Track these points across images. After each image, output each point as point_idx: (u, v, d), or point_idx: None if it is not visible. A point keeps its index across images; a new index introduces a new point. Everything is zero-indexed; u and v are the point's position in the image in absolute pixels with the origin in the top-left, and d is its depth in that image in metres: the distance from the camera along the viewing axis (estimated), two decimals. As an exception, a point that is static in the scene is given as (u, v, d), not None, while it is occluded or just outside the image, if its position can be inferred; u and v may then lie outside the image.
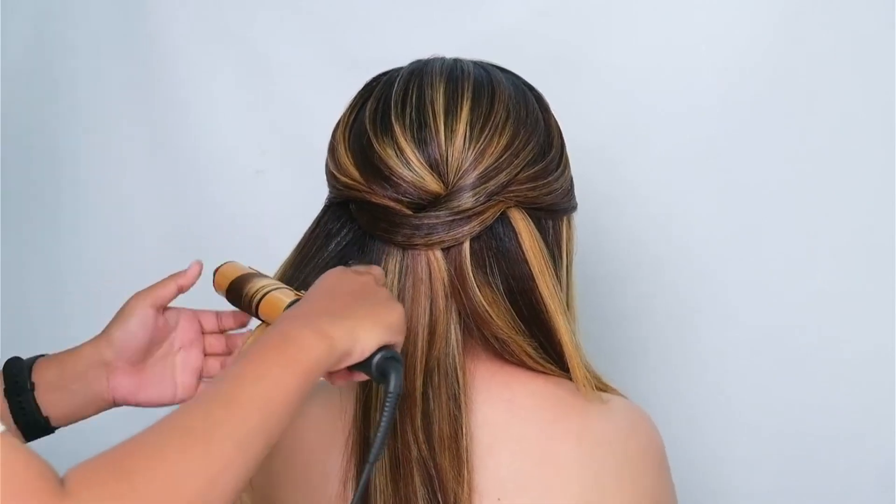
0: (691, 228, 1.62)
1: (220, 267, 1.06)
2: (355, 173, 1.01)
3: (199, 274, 1.09)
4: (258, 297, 0.99)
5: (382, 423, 0.86)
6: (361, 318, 0.87)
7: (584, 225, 1.10)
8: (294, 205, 1.11)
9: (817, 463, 1.59)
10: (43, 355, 1.08)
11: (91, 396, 1.07)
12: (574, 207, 1.07)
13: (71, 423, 1.07)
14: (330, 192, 1.06)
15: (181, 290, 1.09)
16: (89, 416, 1.08)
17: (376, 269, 0.97)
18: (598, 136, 1.58)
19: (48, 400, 1.05)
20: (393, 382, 0.86)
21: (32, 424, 1.05)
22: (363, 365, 0.87)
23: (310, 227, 1.06)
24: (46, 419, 1.05)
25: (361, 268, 0.96)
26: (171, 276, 1.09)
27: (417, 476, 0.97)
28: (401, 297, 0.98)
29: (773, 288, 1.60)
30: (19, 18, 1.82)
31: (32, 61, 1.83)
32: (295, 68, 1.74)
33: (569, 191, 1.05)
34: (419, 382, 0.98)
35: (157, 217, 1.81)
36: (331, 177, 1.05)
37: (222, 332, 1.13)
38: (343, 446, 1.01)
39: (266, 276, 1.03)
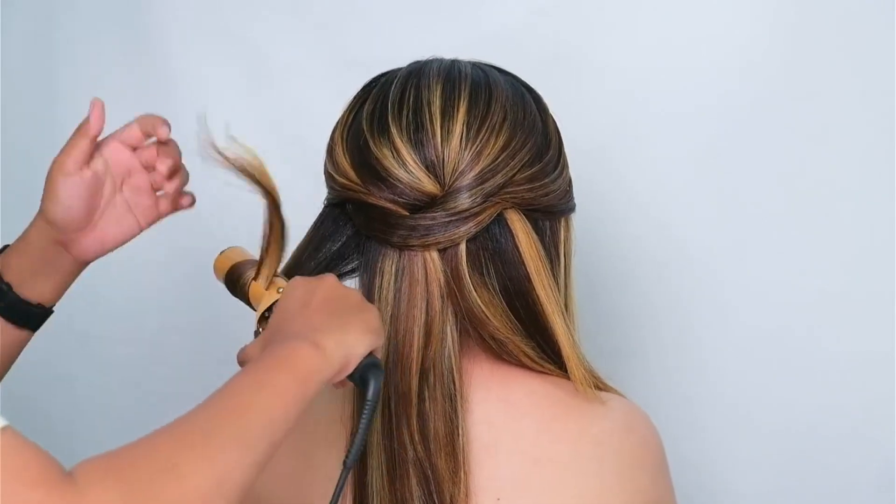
0: (691, 228, 1.62)
1: (222, 252, 1.07)
2: (352, 174, 1.01)
3: (103, 113, 1.06)
4: (248, 284, 1.01)
5: (360, 429, 0.87)
6: (348, 326, 0.88)
7: (583, 225, 1.10)
8: (293, 205, 1.10)
9: (817, 463, 1.59)
10: None
11: (65, 269, 1.09)
12: (572, 208, 1.07)
13: (62, 295, 1.11)
14: (328, 192, 1.06)
15: (95, 139, 1.06)
16: (74, 279, 1.11)
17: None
18: (598, 136, 1.58)
19: (30, 289, 1.07)
20: (371, 390, 0.87)
21: (29, 315, 1.07)
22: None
23: (310, 229, 1.06)
24: (40, 305, 1.08)
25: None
26: (78, 132, 1.05)
27: (414, 477, 0.97)
28: (397, 298, 0.99)
29: (772, 288, 1.60)
30: (19, 19, 1.82)
31: (32, 62, 1.83)
32: (295, 68, 1.74)
33: (566, 192, 1.05)
34: (415, 383, 0.98)
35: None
36: (328, 177, 1.05)
37: (149, 137, 1.11)
38: (342, 447, 1.01)
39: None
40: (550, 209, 1.02)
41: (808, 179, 1.57)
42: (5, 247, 1.10)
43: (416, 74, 1.03)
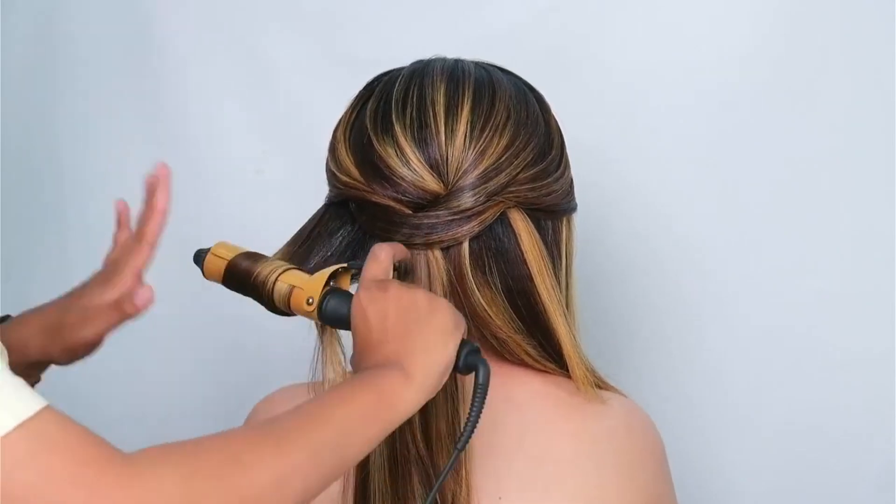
0: (693, 227, 1.62)
1: (209, 249, 1.02)
2: (355, 172, 1.01)
3: (152, 301, 1.00)
4: (272, 280, 0.97)
5: (473, 413, 0.89)
6: (430, 342, 0.88)
7: (585, 223, 1.10)
8: (294, 205, 1.10)
9: (817, 463, 1.59)
10: None
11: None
12: (574, 208, 1.07)
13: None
14: (330, 190, 1.06)
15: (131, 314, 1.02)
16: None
17: (398, 248, 0.96)
18: (599, 135, 1.58)
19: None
20: (482, 374, 0.90)
21: None
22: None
23: (305, 225, 1.05)
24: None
25: (377, 273, 0.93)
26: (126, 299, 1.00)
27: (416, 475, 0.97)
28: None
29: (773, 287, 1.60)
30: (20, 20, 1.82)
31: (33, 63, 1.83)
32: (295, 68, 1.74)
33: (568, 192, 1.05)
34: None
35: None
36: (331, 176, 1.05)
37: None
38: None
39: (265, 257, 1.00)
40: (553, 209, 1.03)
41: (810, 177, 1.58)
42: (6, 316, 1.07)
43: (420, 73, 1.03)
